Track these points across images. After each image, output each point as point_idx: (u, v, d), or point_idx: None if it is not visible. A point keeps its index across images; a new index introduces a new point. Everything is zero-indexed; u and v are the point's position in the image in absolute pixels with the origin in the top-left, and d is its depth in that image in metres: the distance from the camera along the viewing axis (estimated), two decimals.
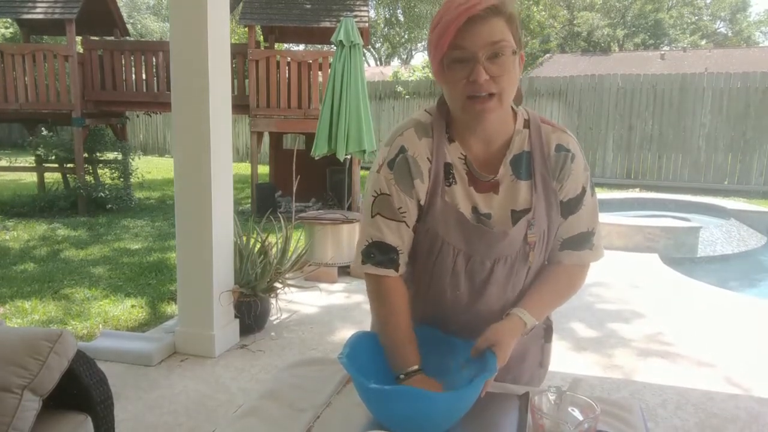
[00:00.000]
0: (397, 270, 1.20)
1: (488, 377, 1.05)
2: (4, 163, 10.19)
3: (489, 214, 1.16)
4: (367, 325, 1.36)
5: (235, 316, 3.52)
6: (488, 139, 1.16)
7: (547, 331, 1.37)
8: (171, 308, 4.20)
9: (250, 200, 8.48)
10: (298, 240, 4.53)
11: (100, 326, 3.83)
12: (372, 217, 1.18)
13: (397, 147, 1.17)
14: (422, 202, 1.17)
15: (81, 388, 1.74)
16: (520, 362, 1.29)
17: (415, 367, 1.12)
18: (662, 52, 24.65)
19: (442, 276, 1.21)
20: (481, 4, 1.02)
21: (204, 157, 3.16)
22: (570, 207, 1.19)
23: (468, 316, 1.23)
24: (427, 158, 1.16)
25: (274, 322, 3.88)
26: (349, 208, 6.93)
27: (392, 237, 1.18)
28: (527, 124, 1.18)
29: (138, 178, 9.36)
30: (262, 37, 10.37)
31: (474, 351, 1.12)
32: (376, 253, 1.18)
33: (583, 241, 1.22)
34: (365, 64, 12.50)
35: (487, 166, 1.17)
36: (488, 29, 1.02)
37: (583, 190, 1.19)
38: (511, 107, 1.17)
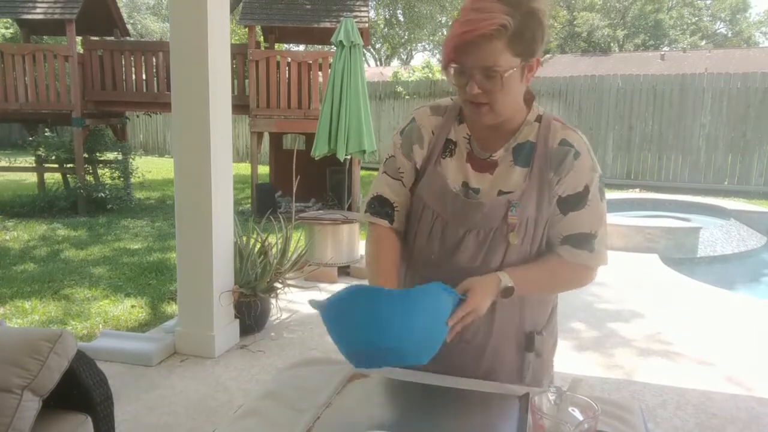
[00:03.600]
0: (390, 222, 1.33)
1: (450, 299, 1.10)
2: (4, 163, 10.20)
3: (478, 189, 1.25)
4: None
5: (235, 317, 3.52)
6: (494, 126, 1.24)
7: (529, 340, 1.31)
8: (171, 308, 4.20)
9: (250, 200, 8.49)
10: (298, 240, 4.53)
11: (100, 326, 3.83)
12: (381, 174, 1.36)
13: (410, 118, 1.34)
14: (418, 167, 1.31)
15: (81, 388, 1.74)
16: (492, 360, 1.31)
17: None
18: (662, 53, 24.66)
19: (422, 237, 1.31)
20: (477, 30, 1.10)
21: (204, 157, 3.16)
22: (570, 203, 1.22)
23: (439, 277, 1.23)
24: (432, 131, 1.30)
25: (274, 323, 3.88)
26: (349, 209, 6.92)
27: (390, 193, 1.33)
28: (539, 119, 1.26)
29: (138, 177, 9.36)
30: (262, 37, 10.37)
31: (453, 319, 1.15)
32: (376, 205, 1.35)
33: (582, 240, 1.24)
34: (365, 65, 12.50)
35: (488, 147, 1.26)
36: (481, 54, 1.11)
37: (586, 189, 1.22)
38: (528, 101, 1.27)
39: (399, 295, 1.08)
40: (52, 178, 9.36)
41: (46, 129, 8.63)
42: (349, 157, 5.78)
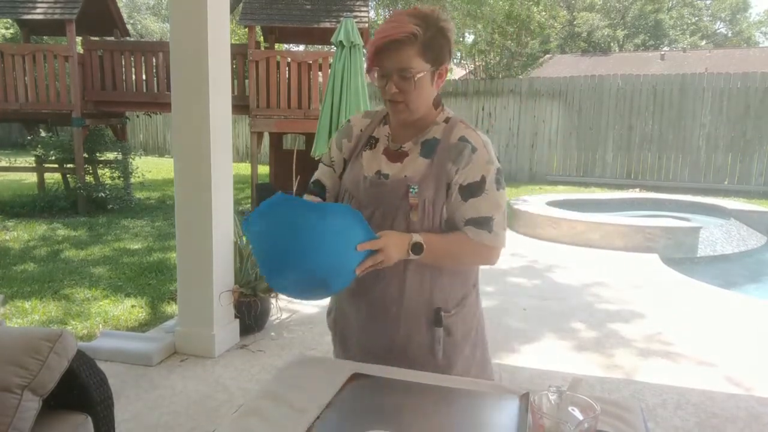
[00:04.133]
0: (323, 199, 1.57)
1: (361, 229, 1.25)
2: (4, 163, 10.20)
3: (387, 175, 1.44)
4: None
5: (235, 316, 3.52)
6: (408, 124, 1.46)
7: (437, 317, 1.45)
8: (171, 308, 4.20)
9: (250, 200, 8.48)
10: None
11: (100, 326, 3.83)
12: (320, 164, 1.62)
13: (347, 120, 1.60)
14: (346, 158, 1.55)
15: (81, 388, 1.74)
16: (406, 335, 1.46)
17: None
18: (662, 53, 24.66)
19: None
20: (390, 36, 1.32)
21: (204, 157, 3.16)
22: (470, 191, 1.40)
23: None
24: (360, 129, 1.55)
25: (274, 322, 3.88)
26: None
27: (324, 178, 1.59)
28: (447, 120, 1.46)
29: (138, 177, 9.36)
30: (262, 37, 10.37)
31: (364, 245, 1.28)
32: (312, 186, 1.59)
33: (483, 223, 1.41)
34: (365, 65, 12.45)
35: (401, 141, 1.48)
36: (397, 57, 1.33)
37: (483, 179, 1.40)
38: (440, 106, 1.48)
39: (317, 207, 1.26)
40: (52, 178, 9.36)
41: (41, 130, 8.62)
42: None
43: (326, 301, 1.66)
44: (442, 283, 1.45)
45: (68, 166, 8.38)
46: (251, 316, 3.58)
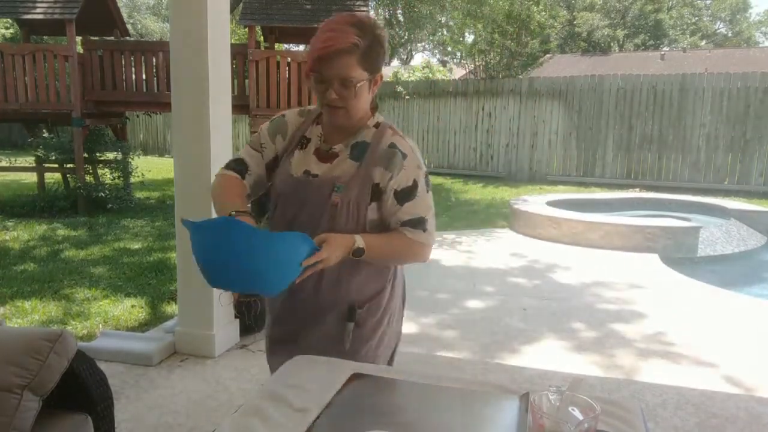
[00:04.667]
0: (242, 177, 1.56)
1: (306, 248, 1.28)
2: (4, 163, 10.19)
3: (316, 175, 1.49)
4: None
5: (235, 316, 3.52)
6: (341, 127, 1.50)
7: (351, 312, 1.51)
8: (171, 308, 4.20)
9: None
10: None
11: (100, 326, 3.83)
12: (244, 146, 1.61)
13: (281, 113, 1.62)
14: (278, 154, 1.57)
15: (81, 388, 1.74)
16: (314, 324, 1.54)
17: (244, 209, 1.43)
18: (662, 53, 24.66)
19: (273, 217, 1.57)
20: (335, 46, 1.35)
21: (204, 157, 3.16)
22: (405, 195, 1.47)
23: None
24: (295, 128, 1.57)
25: None
26: None
27: (248, 158, 1.57)
28: (378, 125, 1.53)
29: (138, 177, 9.36)
30: (262, 37, 10.37)
31: (309, 261, 1.31)
32: (233, 163, 1.58)
33: (417, 223, 1.48)
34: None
35: (332, 142, 1.52)
36: (338, 66, 1.37)
37: (415, 183, 1.47)
38: (372, 111, 1.54)
39: (263, 234, 1.30)
40: (52, 178, 9.35)
41: (44, 130, 8.61)
42: None
43: None
44: (359, 280, 1.51)
45: (68, 166, 8.38)
46: (251, 316, 3.58)
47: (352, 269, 1.49)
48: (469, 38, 16.44)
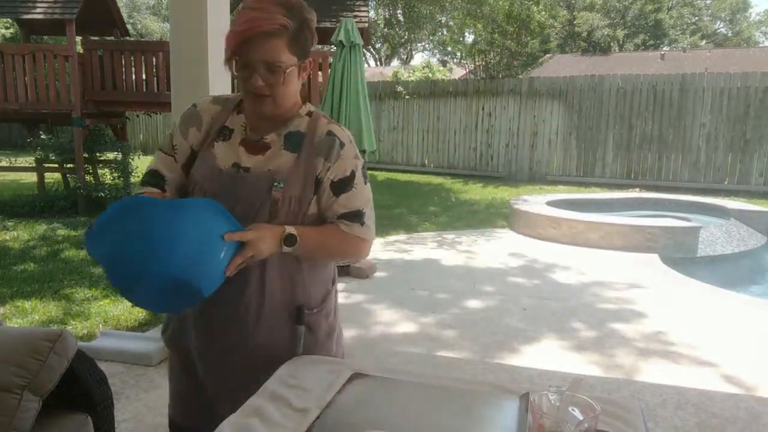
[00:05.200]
0: (163, 190, 1.41)
1: (225, 219, 1.18)
2: (4, 163, 10.19)
3: (248, 168, 1.35)
4: (367, 325, 1.39)
5: None
6: (269, 117, 1.38)
7: (299, 315, 1.41)
8: None
9: None
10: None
11: (100, 326, 3.83)
12: (156, 152, 1.46)
13: (192, 105, 1.47)
14: (194, 147, 1.42)
15: (81, 388, 1.74)
16: (266, 334, 1.39)
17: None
18: (662, 53, 24.66)
19: None
20: (261, 27, 1.24)
21: None
22: (341, 186, 1.38)
23: None
24: (211, 117, 1.43)
25: None
26: None
27: (163, 167, 1.42)
28: (310, 114, 1.42)
29: (138, 177, 9.35)
30: None
31: (231, 235, 1.22)
32: (148, 178, 1.43)
33: (355, 216, 1.39)
34: (365, 65, 12.49)
35: (261, 132, 1.39)
36: (265, 49, 1.26)
37: (353, 174, 1.38)
38: (302, 100, 1.43)
39: (164, 202, 1.15)
40: (52, 178, 9.35)
41: (41, 132, 8.61)
42: None
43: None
44: (303, 281, 1.41)
45: (68, 165, 8.38)
46: None
47: (294, 268, 1.39)
48: (469, 38, 16.45)
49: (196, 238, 1.10)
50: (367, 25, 7.92)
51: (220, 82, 3.22)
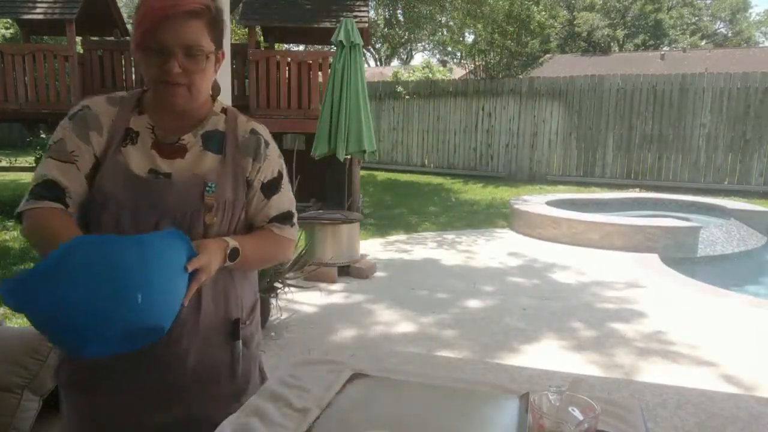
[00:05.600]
0: (65, 206, 1.17)
1: (184, 246, 1.06)
2: (4, 163, 10.20)
3: (169, 174, 1.21)
4: (366, 325, 1.39)
5: None
6: (181, 114, 1.24)
7: (235, 328, 1.29)
8: None
9: None
10: (298, 240, 4.53)
11: None
12: (45, 159, 1.20)
13: (80, 105, 1.25)
14: (97, 155, 1.20)
15: None
16: (202, 356, 1.24)
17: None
18: (662, 53, 24.66)
19: (108, 232, 1.17)
20: (180, 6, 1.11)
21: None
22: (271, 188, 1.31)
23: None
24: (112, 120, 1.23)
25: (274, 322, 3.88)
26: (349, 208, 6.92)
27: (61, 177, 1.17)
28: (225, 111, 1.31)
29: None
30: (262, 37, 10.37)
31: (191, 264, 1.09)
32: (44, 192, 1.16)
33: (285, 218, 1.34)
34: (365, 65, 12.49)
35: (174, 134, 1.24)
36: (185, 31, 1.12)
37: (280, 174, 1.33)
38: (215, 93, 1.31)
39: (131, 239, 0.98)
40: None
41: (41, 132, 8.62)
42: (349, 157, 5.78)
43: (322, 300, 1.61)
44: (236, 293, 1.30)
45: None
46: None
47: (227, 279, 1.27)
48: (469, 38, 16.45)
49: (167, 278, 0.99)
50: (367, 25, 7.92)
51: (220, 81, 3.22)
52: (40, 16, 8.10)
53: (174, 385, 1.23)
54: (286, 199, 1.34)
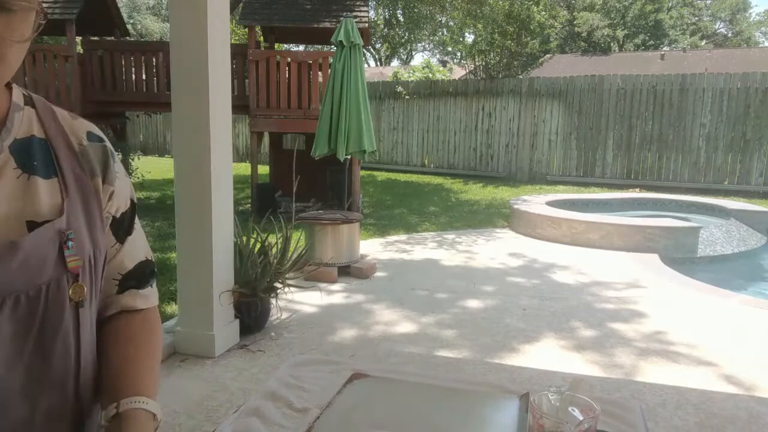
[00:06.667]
0: None
1: None
2: None
3: None
4: (367, 325, 1.38)
5: (235, 316, 3.51)
6: None
7: (98, 414, 0.83)
8: (171, 308, 4.20)
9: (250, 200, 8.48)
10: (298, 240, 4.54)
11: None
12: None
13: None
14: None
15: None
16: None
17: None
18: (662, 53, 24.66)
19: None
20: None
21: (204, 157, 3.16)
22: (124, 225, 0.85)
23: None
24: None
25: (274, 322, 3.88)
26: (350, 208, 6.93)
27: None
28: (30, 101, 0.81)
29: (137, 178, 9.36)
30: (262, 37, 10.37)
31: None
32: None
33: (146, 274, 0.89)
34: (365, 65, 12.49)
35: None
36: None
37: (134, 204, 0.88)
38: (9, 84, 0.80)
39: None
40: None
41: None
42: (349, 157, 5.78)
43: (322, 300, 1.60)
44: (96, 372, 0.84)
45: None
46: (251, 316, 3.58)
47: (93, 361, 0.82)
48: (469, 38, 16.44)
49: None
50: (367, 25, 7.92)
51: (220, 82, 3.23)
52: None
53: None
54: (141, 242, 0.89)
